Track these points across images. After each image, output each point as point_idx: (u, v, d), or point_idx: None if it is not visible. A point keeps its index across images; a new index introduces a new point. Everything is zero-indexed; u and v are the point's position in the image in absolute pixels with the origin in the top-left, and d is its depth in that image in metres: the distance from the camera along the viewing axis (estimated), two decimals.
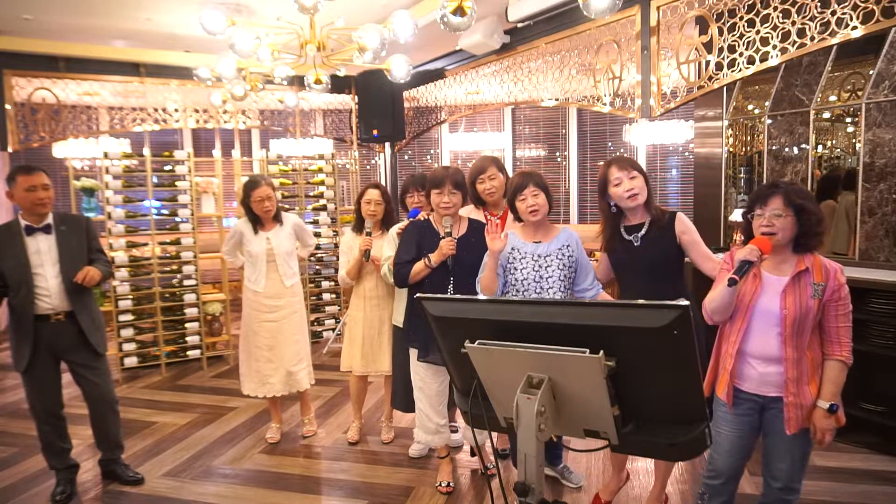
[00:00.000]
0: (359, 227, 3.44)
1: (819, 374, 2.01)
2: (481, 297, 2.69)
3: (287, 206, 5.54)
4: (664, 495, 2.80)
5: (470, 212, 3.20)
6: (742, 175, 4.43)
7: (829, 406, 1.96)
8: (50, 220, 2.93)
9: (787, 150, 4.06)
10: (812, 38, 3.12)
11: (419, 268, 2.82)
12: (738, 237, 4.29)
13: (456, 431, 3.52)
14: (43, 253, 2.89)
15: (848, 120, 3.83)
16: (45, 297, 2.88)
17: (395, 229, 3.16)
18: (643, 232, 2.52)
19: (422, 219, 3.01)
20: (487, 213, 3.17)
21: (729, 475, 2.19)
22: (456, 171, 2.88)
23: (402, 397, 3.30)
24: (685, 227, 2.50)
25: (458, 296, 2.63)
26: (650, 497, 2.79)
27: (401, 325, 3.21)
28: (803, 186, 2.14)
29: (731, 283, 1.90)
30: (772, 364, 2.01)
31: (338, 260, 4.17)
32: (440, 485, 3.09)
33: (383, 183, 7.78)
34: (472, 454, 3.42)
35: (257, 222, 3.54)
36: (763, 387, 2.05)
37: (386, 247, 3.20)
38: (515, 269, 2.62)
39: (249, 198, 3.47)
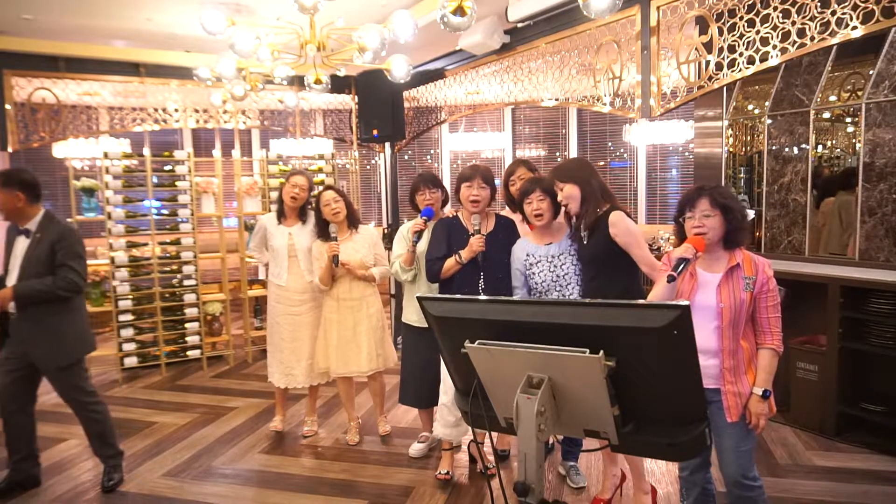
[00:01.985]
0: (323, 233, 3.48)
1: (755, 364, 2.13)
2: (481, 297, 2.71)
3: None
4: (647, 484, 2.83)
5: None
6: (742, 175, 4.43)
7: (763, 392, 2.09)
8: (32, 224, 2.94)
9: (787, 150, 4.05)
10: (812, 38, 3.12)
11: (450, 264, 2.90)
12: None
13: None
14: (17, 255, 2.95)
15: (848, 120, 3.83)
16: None
17: (407, 226, 3.17)
18: (587, 230, 2.62)
19: (451, 215, 3.08)
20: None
21: (694, 465, 2.29)
22: (486, 168, 2.98)
23: (413, 393, 3.32)
24: (617, 230, 2.51)
25: (458, 296, 2.65)
26: (635, 490, 2.82)
27: (412, 324, 3.24)
28: (726, 188, 2.33)
29: (670, 279, 1.99)
30: (711, 357, 2.12)
31: None
32: (440, 473, 3.12)
33: (383, 183, 7.78)
34: (472, 460, 3.41)
35: (282, 214, 3.66)
36: (703, 379, 2.10)
37: (396, 245, 3.23)
38: (534, 273, 2.70)
39: (287, 183, 3.63)
